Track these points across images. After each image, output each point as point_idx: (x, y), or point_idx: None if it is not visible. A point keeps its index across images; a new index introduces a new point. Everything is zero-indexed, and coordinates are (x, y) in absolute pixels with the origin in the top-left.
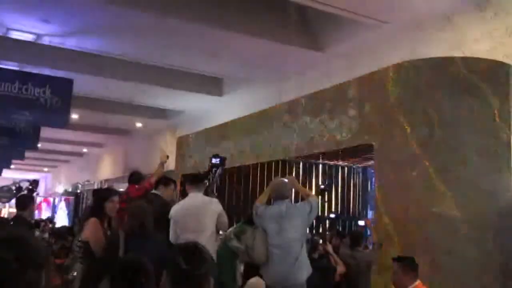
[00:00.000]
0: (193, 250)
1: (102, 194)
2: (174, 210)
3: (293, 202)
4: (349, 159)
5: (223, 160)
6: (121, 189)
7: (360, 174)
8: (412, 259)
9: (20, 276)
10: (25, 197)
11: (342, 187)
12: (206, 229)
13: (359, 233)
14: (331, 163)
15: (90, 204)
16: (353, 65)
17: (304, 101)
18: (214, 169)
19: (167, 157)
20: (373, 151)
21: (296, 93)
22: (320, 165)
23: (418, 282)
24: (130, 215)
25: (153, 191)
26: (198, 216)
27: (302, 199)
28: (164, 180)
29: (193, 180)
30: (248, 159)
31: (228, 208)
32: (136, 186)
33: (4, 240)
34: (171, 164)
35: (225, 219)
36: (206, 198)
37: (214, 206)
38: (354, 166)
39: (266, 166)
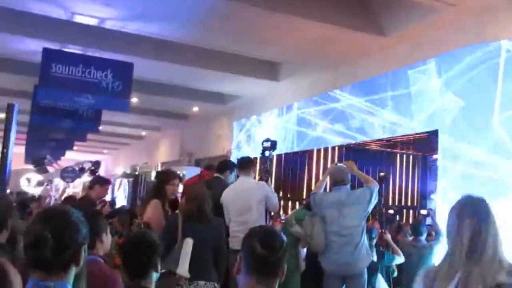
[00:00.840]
0: (269, 235)
1: (164, 177)
2: (225, 194)
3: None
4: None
5: (274, 143)
6: (178, 172)
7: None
8: None
9: (58, 252)
10: (93, 179)
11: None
12: (254, 211)
13: (419, 221)
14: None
15: (153, 185)
16: (415, 50)
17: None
18: (265, 152)
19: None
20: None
21: (352, 79)
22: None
23: None
24: (188, 199)
25: (217, 175)
26: (246, 199)
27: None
28: (228, 164)
29: (242, 164)
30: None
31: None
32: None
33: (44, 219)
34: (226, 147)
35: (274, 200)
36: (254, 181)
37: (262, 188)
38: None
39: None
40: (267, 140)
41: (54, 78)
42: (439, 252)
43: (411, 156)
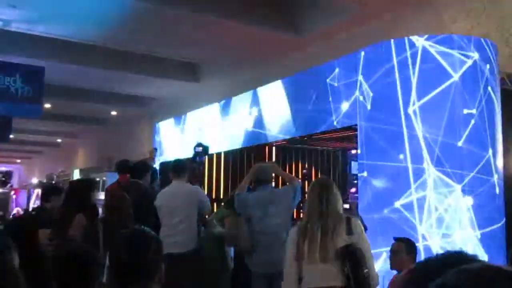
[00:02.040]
0: (137, 238)
1: (89, 186)
2: (159, 198)
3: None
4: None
5: (206, 149)
6: (97, 179)
7: (340, 158)
8: (413, 241)
9: None
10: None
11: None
12: (189, 216)
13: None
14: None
15: (72, 195)
16: (334, 47)
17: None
18: (197, 157)
19: (155, 149)
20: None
21: (274, 78)
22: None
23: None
24: (109, 208)
25: (134, 180)
26: (181, 204)
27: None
28: (144, 167)
29: (176, 168)
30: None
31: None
32: (127, 175)
33: None
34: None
35: (208, 204)
36: (189, 186)
37: (197, 193)
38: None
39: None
40: (199, 145)
41: None
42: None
43: (331, 152)
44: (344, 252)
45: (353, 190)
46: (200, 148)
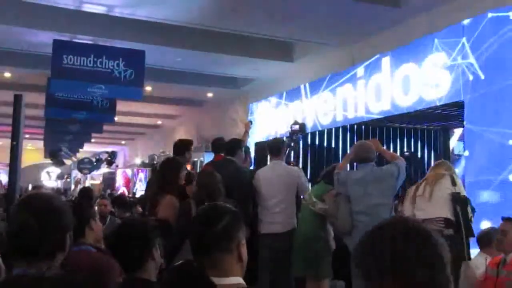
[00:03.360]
0: (209, 210)
1: (176, 166)
2: (257, 178)
3: None
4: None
5: (303, 126)
6: (195, 159)
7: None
8: None
9: (43, 239)
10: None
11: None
12: (287, 197)
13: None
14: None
15: (162, 176)
16: (434, 20)
17: None
18: (294, 136)
19: (251, 122)
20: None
21: (368, 55)
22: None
23: None
24: (198, 185)
25: (229, 157)
26: (278, 185)
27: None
28: (237, 144)
29: (272, 148)
30: None
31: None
32: (222, 154)
33: (27, 206)
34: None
35: (306, 184)
36: (287, 167)
37: (295, 175)
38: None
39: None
40: (296, 123)
41: (66, 70)
42: None
43: (432, 131)
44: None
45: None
46: (297, 126)
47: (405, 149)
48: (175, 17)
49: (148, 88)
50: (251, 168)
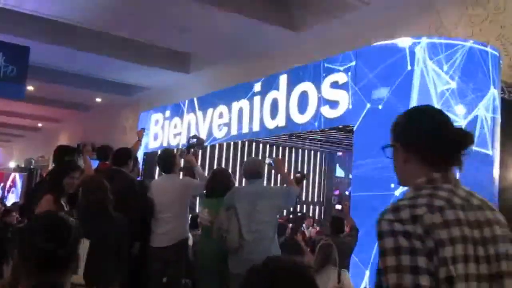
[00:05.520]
0: (55, 225)
1: (62, 168)
2: (152, 190)
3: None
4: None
5: (202, 142)
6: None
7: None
8: None
9: None
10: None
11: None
12: (181, 210)
13: (338, 218)
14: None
15: (49, 177)
16: (328, 46)
17: None
18: (191, 150)
19: (144, 130)
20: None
21: (263, 72)
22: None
23: None
24: (85, 191)
25: (116, 167)
26: (172, 199)
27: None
28: (128, 153)
29: (165, 164)
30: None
31: None
32: (107, 162)
33: None
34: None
35: (196, 182)
36: (179, 180)
37: (188, 184)
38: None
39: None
40: (194, 137)
41: None
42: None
43: (318, 152)
44: None
45: (336, 192)
46: (195, 140)
47: (299, 169)
48: (67, 15)
49: (30, 88)
50: (138, 179)
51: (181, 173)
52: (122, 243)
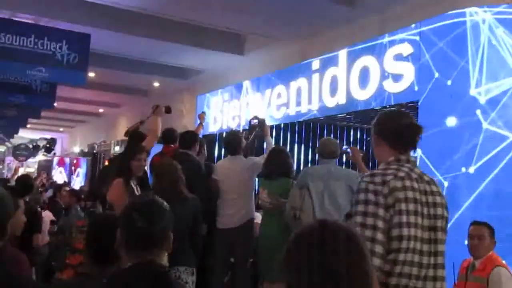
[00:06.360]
0: (150, 206)
1: (129, 151)
2: (218, 172)
3: None
4: None
5: (263, 122)
6: None
7: None
8: None
9: None
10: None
11: None
12: (246, 191)
13: None
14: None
15: (117, 161)
16: (386, 19)
17: None
18: (251, 131)
19: (204, 113)
20: None
21: (319, 52)
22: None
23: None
24: (158, 175)
25: (183, 150)
26: (238, 180)
27: None
28: (193, 136)
29: (230, 145)
30: None
31: None
32: (173, 146)
33: None
34: (189, 124)
35: (262, 162)
36: (244, 161)
37: (253, 164)
38: None
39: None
40: (255, 118)
41: (4, 49)
42: None
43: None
44: None
45: None
46: (256, 122)
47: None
48: (123, 1)
49: (91, 74)
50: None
51: None
52: (196, 223)
